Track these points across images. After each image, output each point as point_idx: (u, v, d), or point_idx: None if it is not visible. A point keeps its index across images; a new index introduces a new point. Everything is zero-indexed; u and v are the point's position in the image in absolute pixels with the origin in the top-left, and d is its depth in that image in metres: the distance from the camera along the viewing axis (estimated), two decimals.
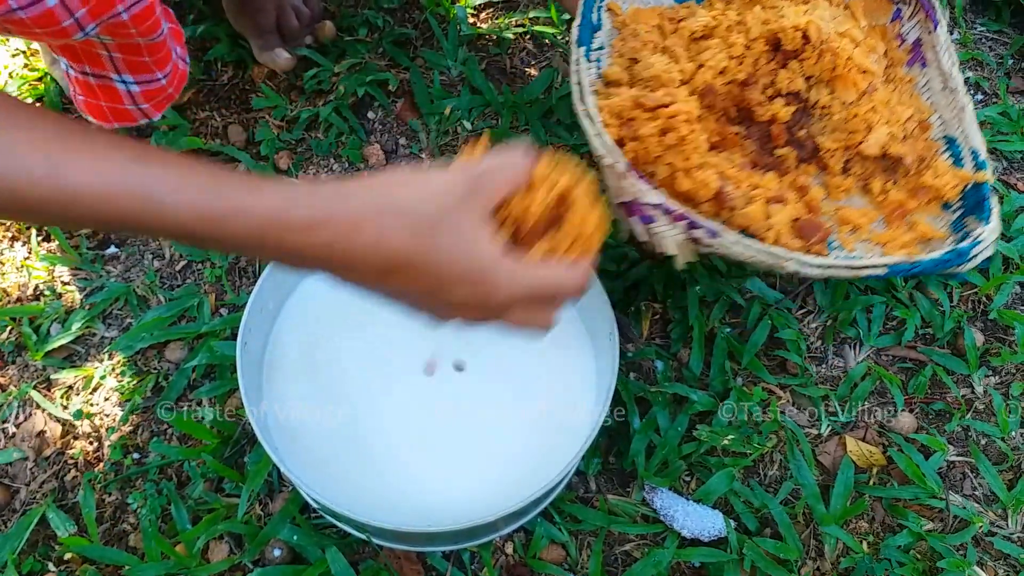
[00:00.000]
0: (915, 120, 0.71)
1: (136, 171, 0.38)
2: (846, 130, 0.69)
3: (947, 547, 0.70)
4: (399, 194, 0.42)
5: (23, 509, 0.71)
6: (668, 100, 0.63)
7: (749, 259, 0.56)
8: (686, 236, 0.56)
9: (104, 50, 0.70)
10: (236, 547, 0.69)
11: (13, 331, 0.79)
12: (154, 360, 0.78)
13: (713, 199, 0.61)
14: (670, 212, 0.56)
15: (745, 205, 0.61)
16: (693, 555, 0.68)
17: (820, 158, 0.69)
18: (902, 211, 0.67)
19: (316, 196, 0.41)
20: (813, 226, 0.62)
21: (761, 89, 0.68)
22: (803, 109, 0.69)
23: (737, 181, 0.63)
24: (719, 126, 0.68)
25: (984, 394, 0.80)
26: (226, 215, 0.39)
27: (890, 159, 0.69)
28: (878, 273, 0.57)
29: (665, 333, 0.81)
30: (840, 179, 0.69)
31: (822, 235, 0.62)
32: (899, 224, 0.67)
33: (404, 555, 0.68)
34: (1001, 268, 0.86)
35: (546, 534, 0.69)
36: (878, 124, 0.68)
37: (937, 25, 0.73)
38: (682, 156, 0.61)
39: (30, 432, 0.74)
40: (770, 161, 0.68)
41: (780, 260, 0.55)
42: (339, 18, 0.99)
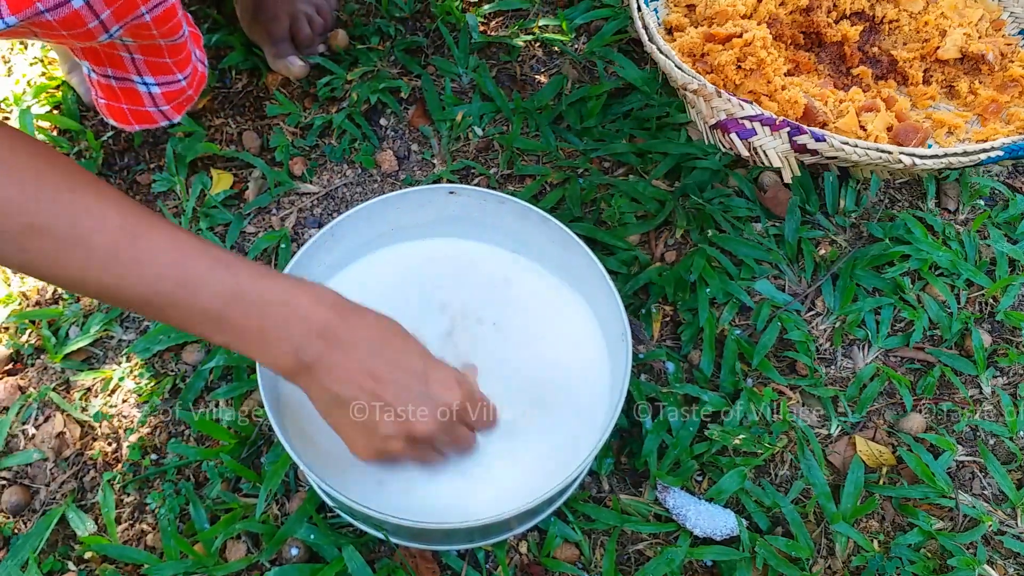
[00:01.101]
0: (987, 20, 0.71)
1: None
2: (919, 39, 0.68)
3: (957, 546, 0.71)
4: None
5: (43, 509, 0.72)
6: (739, 29, 0.63)
7: (860, 159, 0.53)
8: (790, 145, 0.54)
9: (126, 52, 0.71)
10: (254, 546, 0.70)
11: (32, 334, 0.80)
12: (171, 362, 0.79)
13: (803, 116, 0.60)
14: (770, 122, 0.54)
15: (837, 118, 0.60)
16: (706, 554, 0.69)
17: (899, 70, 0.69)
18: (996, 107, 0.67)
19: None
20: (911, 129, 0.61)
21: (825, 12, 0.68)
22: (871, 27, 0.69)
23: (823, 98, 0.62)
24: (791, 53, 0.68)
25: (992, 394, 0.81)
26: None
27: (971, 59, 0.69)
28: (995, 155, 0.55)
29: (676, 335, 0.82)
30: (923, 88, 0.69)
31: (921, 138, 0.60)
32: (995, 119, 0.66)
33: (420, 554, 0.68)
34: (1008, 270, 0.87)
35: (560, 533, 0.70)
36: (951, 28, 0.68)
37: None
38: (763, 80, 0.61)
39: (50, 433, 0.75)
40: (848, 81, 0.67)
41: (892, 155, 0.53)
42: (351, 27, 1.01)
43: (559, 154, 0.92)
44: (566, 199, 0.88)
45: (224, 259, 0.52)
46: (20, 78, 0.96)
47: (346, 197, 0.90)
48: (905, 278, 0.85)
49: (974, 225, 0.90)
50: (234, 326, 0.52)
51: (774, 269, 0.86)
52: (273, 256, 0.85)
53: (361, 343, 0.54)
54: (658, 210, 0.87)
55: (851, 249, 0.87)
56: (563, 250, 0.72)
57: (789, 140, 0.54)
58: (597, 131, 0.93)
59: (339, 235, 0.72)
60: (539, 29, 1.03)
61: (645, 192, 0.88)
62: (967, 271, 0.86)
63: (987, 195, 0.94)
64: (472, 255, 0.77)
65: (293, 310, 0.52)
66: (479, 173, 0.91)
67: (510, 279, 0.76)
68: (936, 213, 0.92)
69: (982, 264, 0.88)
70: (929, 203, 0.92)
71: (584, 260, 0.70)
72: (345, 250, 0.75)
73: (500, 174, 0.91)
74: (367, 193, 0.91)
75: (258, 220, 0.88)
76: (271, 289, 0.52)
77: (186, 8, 1.01)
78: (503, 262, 0.76)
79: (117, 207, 0.50)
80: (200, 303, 0.51)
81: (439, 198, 0.74)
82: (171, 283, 0.50)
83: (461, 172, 0.92)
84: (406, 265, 0.76)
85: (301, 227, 0.88)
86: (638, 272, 0.83)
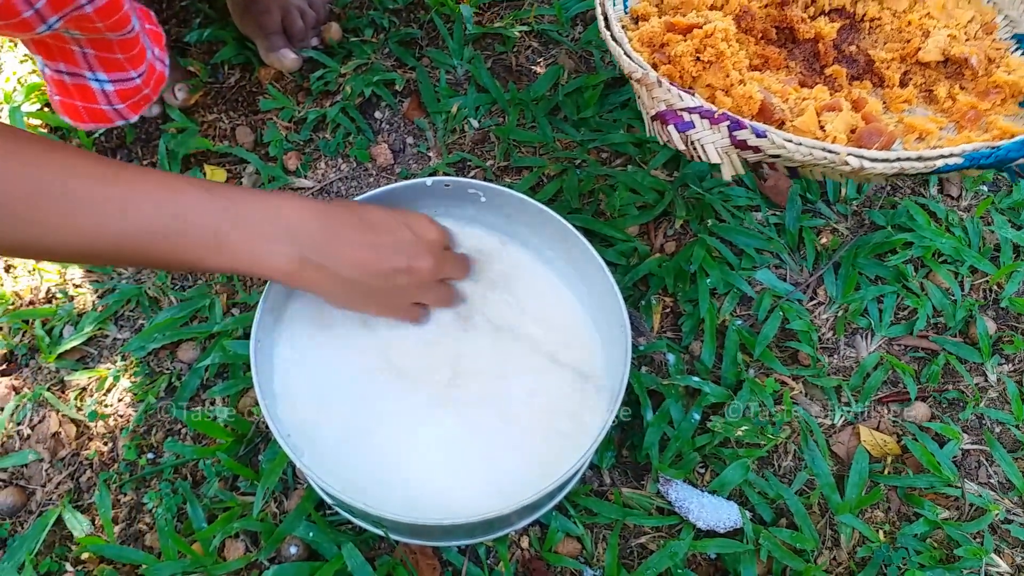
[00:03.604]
0: (977, 22, 0.66)
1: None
2: (901, 39, 0.64)
3: (964, 535, 0.70)
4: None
5: (39, 510, 0.71)
6: (701, 20, 0.59)
7: (804, 158, 0.50)
8: (729, 140, 0.51)
9: (77, 46, 0.70)
10: (252, 545, 0.69)
11: (26, 334, 0.79)
12: (167, 360, 0.78)
13: (759, 114, 0.57)
14: (709, 114, 0.51)
15: (795, 116, 0.57)
16: (709, 546, 0.68)
17: (875, 71, 0.65)
18: (975, 114, 0.62)
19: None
20: (875, 132, 0.56)
21: (802, 7, 0.65)
22: (851, 25, 0.65)
23: (784, 95, 0.59)
24: (760, 48, 0.64)
25: (998, 382, 0.80)
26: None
27: (954, 63, 0.64)
28: (955, 163, 0.50)
29: (676, 326, 0.81)
30: (899, 90, 0.64)
31: (885, 141, 0.56)
32: (973, 127, 0.61)
33: (420, 550, 0.68)
34: (1012, 256, 0.86)
35: (561, 528, 0.69)
36: (936, 29, 0.64)
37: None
38: (722, 74, 0.57)
39: (45, 434, 0.74)
40: (819, 80, 0.64)
41: (839, 156, 0.49)
42: (345, 19, 1.00)
43: (556, 145, 0.91)
44: (564, 190, 0.87)
45: (209, 186, 0.54)
46: (10, 76, 0.95)
47: (341, 191, 0.89)
48: (908, 266, 0.84)
49: (977, 211, 0.89)
50: (233, 246, 0.54)
51: (775, 258, 0.85)
52: None
53: (348, 228, 0.59)
54: (657, 200, 0.86)
55: (853, 237, 0.86)
56: (561, 242, 0.71)
57: (729, 135, 0.50)
58: (594, 121, 0.92)
59: None
60: (534, 19, 1.02)
61: (644, 182, 0.87)
62: (971, 258, 0.85)
63: (990, 181, 0.93)
64: (468, 248, 0.76)
65: (287, 219, 0.56)
66: (475, 165, 0.90)
67: (507, 272, 0.75)
68: (939, 200, 0.91)
69: (986, 251, 0.87)
70: (932, 189, 0.91)
71: (583, 252, 0.69)
72: None
73: (496, 166, 0.90)
74: (362, 187, 0.90)
75: None
76: (262, 204, 0.56)
77: (176, 2, 1.00)
78: (500, 255, 0.76)
79: (92, 158, 0.51)
80: (196, 231, 0.52)
81: (435, 190, 0.73)
82: (165, 216, 0.51)
83: (457, 164, 0.91)
84: None
85: None
86: (637, 263, 0.83)
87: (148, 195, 0.51)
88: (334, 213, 0.59)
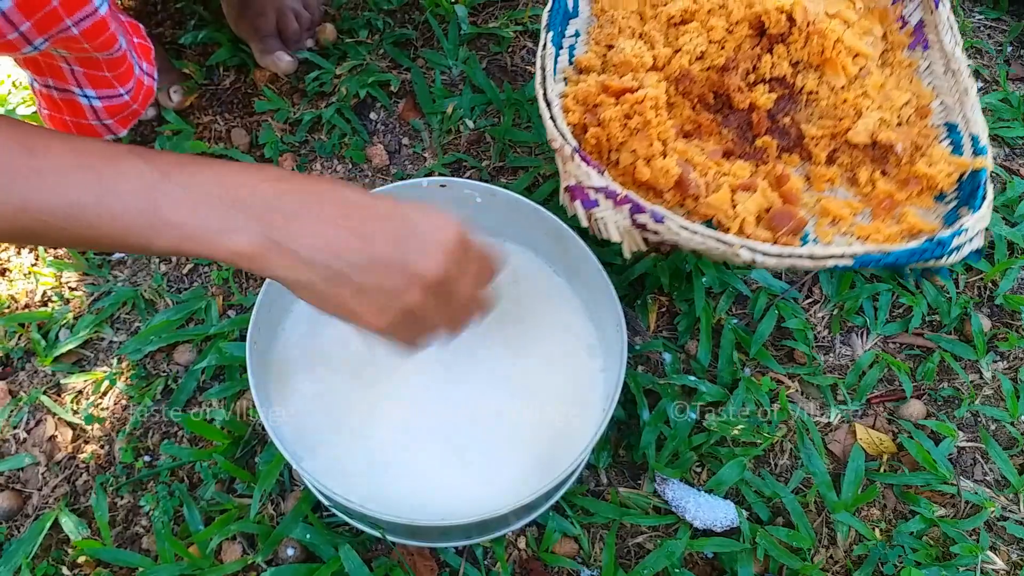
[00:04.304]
0: (913, 106, 0.66)
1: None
2: (834, 117, 0.64)
3: (960, 532, 0.70)
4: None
5: (36, 514, 0.71)
6: (634, 84, 0.59)
7: (698, 247, 0.51)
8: (630, 221, 0.52)
9: (65, 63, 0.70)
10: (249, 547, 0.69)
11: (22, 337, 0.79)
12: (163, 363, 0.78)
13: (676, 187, 0.57)
14: (613, 195, 0.52)
15: (710, 193, 0.57)
16: (706, 545, 0.68)
17: (804, 146, 0.65)
18: (890, 203, 0.62)
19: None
20: (785, 215, 0.57)
21: (742, 75, 0.65)
22: (789, 96, 0.65)
23: (704, 168, 0.59)
24: (694, 113, 0.65)
25: (993, 379, 0.80)
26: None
27: (881, 147, 0.64)
28: (844, 264, 0.51)
29: (672, 325, 0.81)
30: (824, 169, 0.64)
31: (794, 226, 0.57)
32: (886, 217, 0.62)
33: (417, 551, 0.68)
34: (1006, 253, 0.86)
35: (558, 528, 0.69)
36: (868, 110, 0.64)
37: (939, 4, 0.67)
38: (646, 143, 0.58)
39: (41, 437, 0.74)
40: (749, 150, 0.64)
41: (732, 248, 0.50)
42: (339, 20, 1.00)
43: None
44: (559, 190, 0.87)
45: (150, 156, 0.45)
46: (5, 78, 0.95)
47: None
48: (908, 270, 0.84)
49: None
50: (179, 225, 0.44)
51: None
52: None
53: (323, 203, 0.46)
54: None
55: None
56: (557, 242, 0.71)
57: (630, 216, 0.51)
58: None
59: None
60: (529, 19, 1.02)
61: None
62: None
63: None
64: None
65: (245, 191, 0.45)
66: (471, 166, 0.91)
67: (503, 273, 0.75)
68: None
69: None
70: None
71: (578, 251, 0.69)
72: None
73: (492, 166, 0.90)
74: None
75: None
76: (212, 173, 0.45)
77: (171, 4, 1.00)
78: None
79: (15, 127, 0.44)
80: (131, 207, 0.44)
81: (431, 192, 0.73)
82: (95, 191, 0.43)
83: (453, 165, 0.91)
84: None
85: None
86: (633, 263, 0.83)
87: (78, 167, 0.43)
88: (307, 186, 0.47)
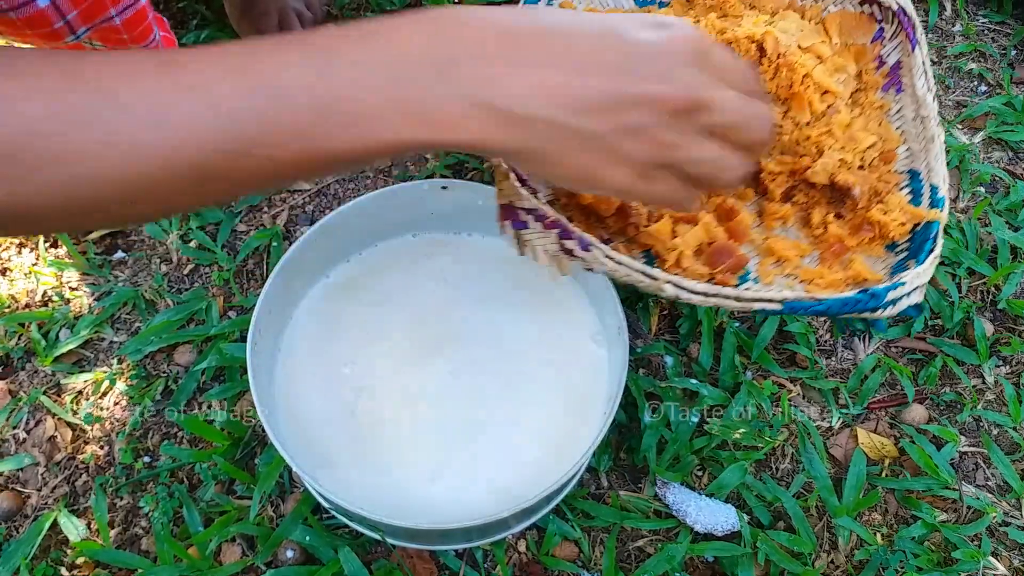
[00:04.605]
0: (878, 149, 0.64)
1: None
2: (796, 153, 0.62)
3: (961, 538, 0.70)
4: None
5: (35, 515, 0.71)
6: None
7: (623, 279, 0.50)
8: (558, 246, 0.51)
9: None
10: (248, 549, 0.69)
11: (22, 337, 0.79)
12: (163, 363, 0.78)
13: (617, 214, 0.57)
14: (543, 218, 0.50)
15: (651, 222, 0.57)
16: (706, 549, 0.68)
17: (760, 181, 0.63)
18: (840, 248, 0.60)
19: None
20: (725, 252, 0.56)
21: None
22: None
23: None
24: None
25: (995, 384, 0.80)
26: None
27: (838, 189, 0.62)
28: (773, 308, 0.50)
29: (674, 328, 0.81)
30: (777, 206, 0.62)
31: (733, 263, 0.56)
32: (834, 262, 0.60)
33: (417, 554, 0.67)
34: (1009, 258, 0.86)
35: (559, 531, 0.69)
36: (831, 149, 0.62)
37: (915, 46, 0.65)
38: None
39: (41, 437, 0.74)
40: None
41: (657, 282, 0.49)
42: (342, 21, 0.99)
43: None
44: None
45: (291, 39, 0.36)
46: None
47: (338, 193, 0.89)
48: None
49: (975, 213, 0.89)
50: (360, 115, 0.35)
51: None
52: (265, 254, 0.84)
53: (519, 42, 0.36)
54: None
55: None
56: None
57: (558, 241, 0.50)
58: None
59: (331, 232, 0.71)
60: None
61: None
62: (968, 259, 0.85)
63: (988, 182, 0.93)
64: (465, 250, 0.76)
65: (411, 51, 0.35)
66: (473, 167, 0.90)
67: (505, 274, 0.75)
68: None
69: (983, 252, 0.87)
70: None
71: None
72: (338, 247, 0.74)
73: (494, 168, 0.90)
74: (360, 189, 0.89)
75: (249, 218, 0.87)
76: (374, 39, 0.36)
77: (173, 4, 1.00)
78: (497, 257, 0.75)
79: (132, 55, 0.36)
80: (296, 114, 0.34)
81: (432, 193, 0.73)
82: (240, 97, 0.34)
83: (454, 166, 0.91)
84: (399, 261, 0.75)
85: (293, 224, 0.87)
86: None
87: (227, 71, 0.34)
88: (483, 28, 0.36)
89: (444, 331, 0.71)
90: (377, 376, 0.69)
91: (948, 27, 1.08)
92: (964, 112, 0.98)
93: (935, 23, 1.07)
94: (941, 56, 1.05)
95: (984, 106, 0.98)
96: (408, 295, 0.73)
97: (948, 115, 0.98)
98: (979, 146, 0.96)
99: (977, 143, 0.96)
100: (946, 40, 1.06)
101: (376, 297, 0.73)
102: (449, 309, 0.73)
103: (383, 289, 0.74)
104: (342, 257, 0.75)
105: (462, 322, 0.72)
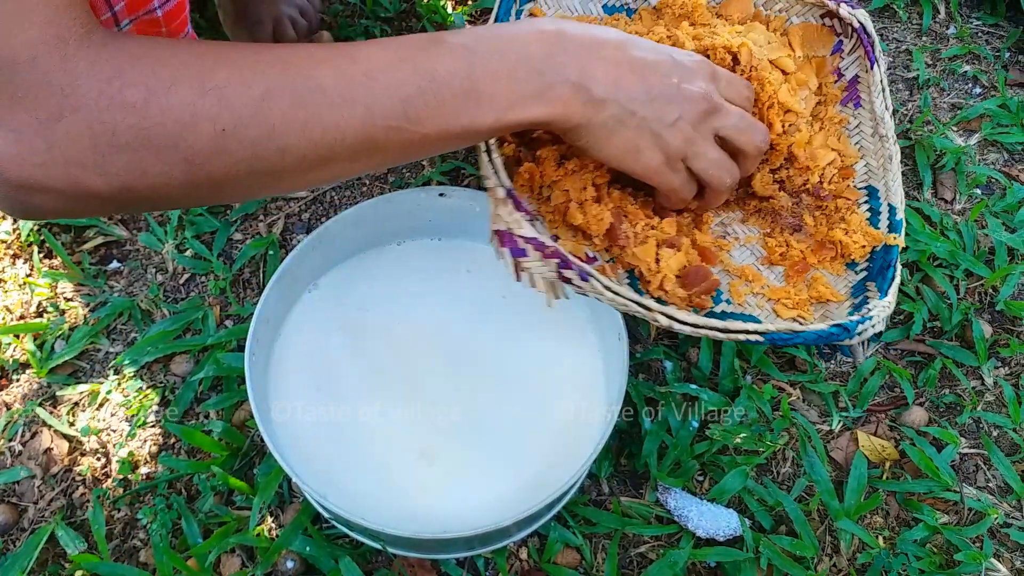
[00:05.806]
0: (836, 165, 0.66)
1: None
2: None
3: (963, 540, 0.70)
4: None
5: (32, 528, 0.70)
6: None
7: (620, 308, 0.53)
8: (557, 275, 0.52)
9: None
10: (248, 560, 0.68)
11: (17, 348, 0.78)
12: (160, 374, 0.77)
13: (606, 235, 0.58)
14: (542, 248, 0.51)
15: (637, 245, 0.58)
16: (709, 555, 0.68)
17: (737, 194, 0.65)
18: (803, 266, 0.63)
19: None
20: (698, 275, 0.59)
21: None
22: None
23: (635, 219, 0.60)
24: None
25: (995, 385, 0.80)
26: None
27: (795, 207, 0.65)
28: (755, 339, 0.54)
29: (673, 333, 0.81)
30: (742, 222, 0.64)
31: (707, 285, 0.59)
32: (798, 280, 0.63)
33: (418, 563, 0.67)
34: (1007, 259, 0.86)
35: (560, 538, 0.69)
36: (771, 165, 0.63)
37: (874, 64, 0.66)
38: (579, 185, 0.58)
39: (37, 450, 0.73)
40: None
41: (652, 314, 0.52)
42: (336, 28, 0.99)
43: None
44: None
45: (445, 36, 0.48)
46: None
47: (335, 201, 0.89)
48: (903, 269, 0.84)
49: (972, 214, 0.89)
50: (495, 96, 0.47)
51: None
52: (261, 263, 0.84)
53: (602, 46, 0.50)
54: None
55: None
56: None
57: (557, 271, 0.52)
58: None
59: (328, 240, 0.70)
60: None
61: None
62: (966, 261, 0.85)
63: (984, 184, 0.93)
64: (463, 257, 0.76)
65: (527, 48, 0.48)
66: (469, 174, 0.90)
67: (504, 280, 0.74)
68: (933, 203, 0.91)
69: (981, 254, 0.87)
70: (926, 193, 0.91)
71: None
72: (334, 255, 0.73)
73: None
74: (356, 197, 0.89)
75: (245, 227, 0.86)
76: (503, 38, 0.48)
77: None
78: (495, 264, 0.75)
79: (311, 46, 0.45)
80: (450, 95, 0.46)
81: (430, 200, 0.73)
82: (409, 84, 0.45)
83: (451, 173, 0.90)
84: (396, 268, 0.75)
85: (289, 233, 0.86)
86: None
87: (399, 61, 0.45)
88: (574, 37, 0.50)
89: (443, 339, 0.71)
90: (376, 384, 0.69)
91: (942, 30, 1.08)
92: (959, 114, 0.98)
93: (929, 26, 1.08)
94: (935, 59, 1.05)
95: (979, 108, 0.98)
96: (407, 302, 0.73)
97: (943, 117, 0.99)
98: (975, 148, 0.96)
99: (973, 145, 0.96)
100: (940, 43, 1.07)
101: (375, 305, 0.73)
102: (448, 316, 0.72)
103: (381, 297, 0.73)
104: (339, 265, 0.75)
105: (461, 329, 0.72)
